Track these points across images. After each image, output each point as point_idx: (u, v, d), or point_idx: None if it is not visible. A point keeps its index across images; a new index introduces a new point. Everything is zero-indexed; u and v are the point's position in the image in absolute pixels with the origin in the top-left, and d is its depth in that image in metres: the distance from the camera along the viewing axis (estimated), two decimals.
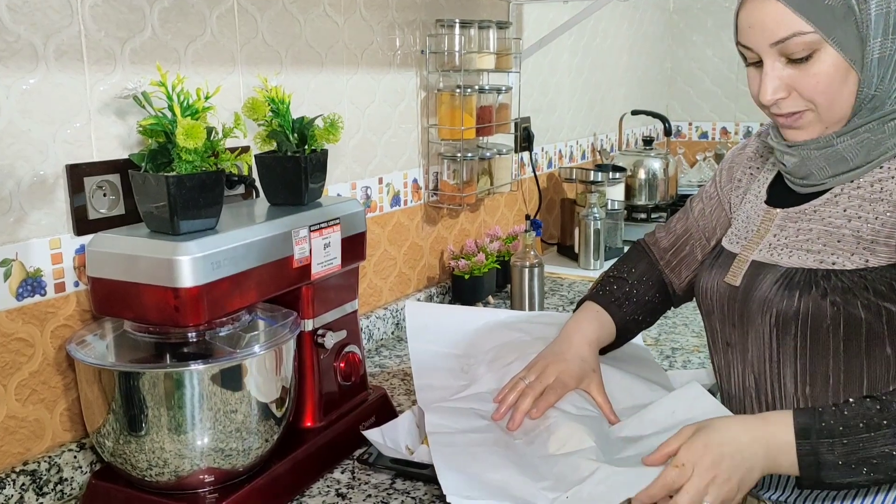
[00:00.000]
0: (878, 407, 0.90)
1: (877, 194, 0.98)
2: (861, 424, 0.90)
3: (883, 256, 0.96)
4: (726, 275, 1.10)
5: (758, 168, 1.18)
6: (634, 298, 1.27)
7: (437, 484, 1.10)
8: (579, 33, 2.59)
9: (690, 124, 3.55)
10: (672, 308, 1.34)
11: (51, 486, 1.07)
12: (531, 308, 1.76)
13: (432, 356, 1.29)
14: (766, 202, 1.11)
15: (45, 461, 1.06)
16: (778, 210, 1.08)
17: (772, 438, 0.91)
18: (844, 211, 1.00)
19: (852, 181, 1.01)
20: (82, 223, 1.09)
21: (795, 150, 1.02)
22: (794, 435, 0.90)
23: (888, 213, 0.97)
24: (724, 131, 3.47)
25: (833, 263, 0.99)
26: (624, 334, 1.27)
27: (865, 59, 0.93)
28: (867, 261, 0.97)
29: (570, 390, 1.14)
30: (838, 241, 0.99)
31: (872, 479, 0.89)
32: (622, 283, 1.29)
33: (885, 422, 0.89)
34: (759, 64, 0.99)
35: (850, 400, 0.93)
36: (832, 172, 1.01)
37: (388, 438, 1.17)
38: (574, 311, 1.29)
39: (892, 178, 0.98)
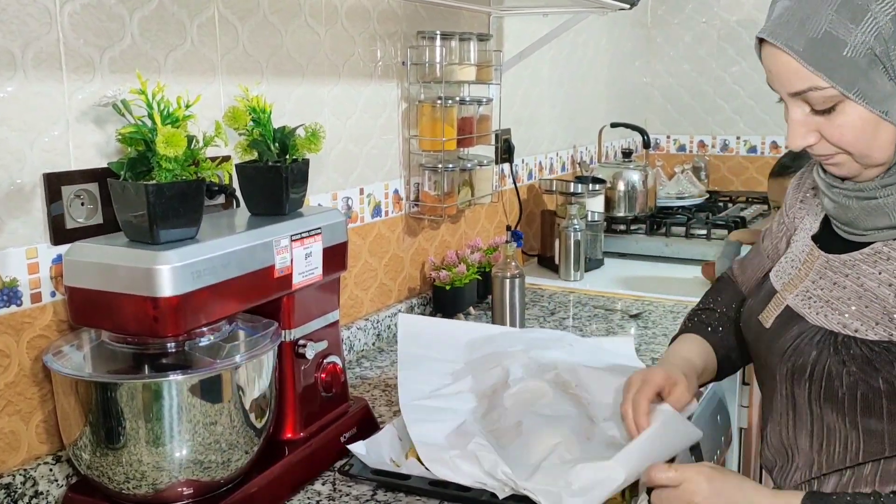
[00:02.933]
0: None
1: None
2: None
3: None
4: (761, 312, 1.06)
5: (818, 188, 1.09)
6: (727, 323, 1.21)
7: (419, 495, 1.10)
8: (559, 47, 2.61)
9: (668, 137, 3.58)
10: None
11: (26, 499, 1.05)
12: (512, 318, 1.76)
13: (420, 359, 1.31)
14: (815, 237, 1.04)
15: (20, 474, 1.04)
16: (820, 254, 1.01)
17: None
18: (879, 274, 0.93)
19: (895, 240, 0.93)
20: (60, 232, 1.08)
21: (836, 194, 0.96)
22: None
23: None
24: (702, 144, 3.51)
25: (855, 331, 0.92)
26: (725, 362, 1.20)
27: None
28: (891, 334, 0.90)
29: (658, 386, 1.08)
30: (866, 307, 0.93)
31: None
32: (710, 313, 1.23)
33: None
34: None
35: (860, 492, 0.90)
36: (872, 225, 0.94)
37: (372, 452, 1.16)
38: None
39: None
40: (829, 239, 1.02)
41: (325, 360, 1.23)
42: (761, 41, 0.90)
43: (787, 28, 0.86)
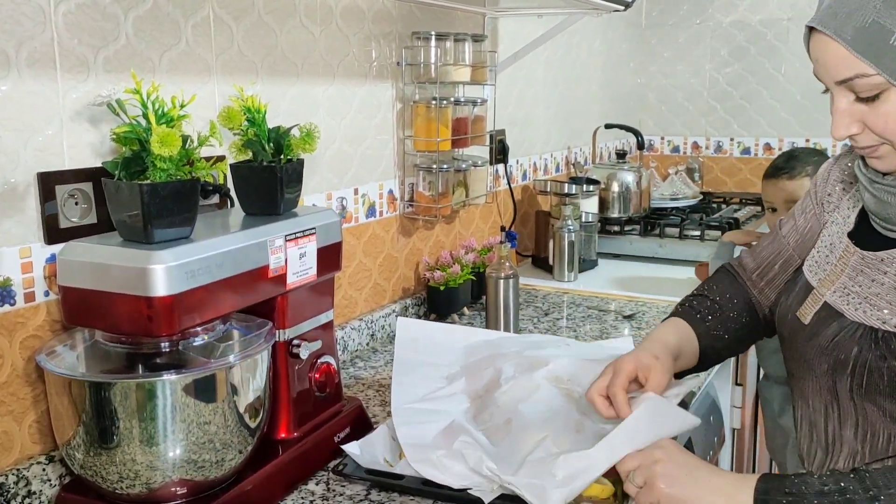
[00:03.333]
0: (851, 483, 0.87)
1: None
2: (826, 494, 0.87)
3: None
4: (799, 308, 1.07)
5: (850, 183, 1.11)
6: (717, 313, 1.21)
7: (413, 495, 1.10)
8: (553, 48, 2.62)
9: (662, 138, 3.59)
10: (767, 336, 1.25)
11: (18, 499, 1.05)
12: (506, 319, 1.76)
13: (415, 364, 1.31)
14: (851, 234, 1.05)
15: (12, 474, 1.04)
16: (856, 250, 1.02)
17: (735, 494, 0.91)
18: None
19: None
20: (53, 232, 1.08)
21: (878, 189, 0.97)
22: (753, 495, 0.90)
23: None
24: (696, 145, 3.52)
25: (895, 326, 0.94)
26: (709, 350, 1.20)
27: None
28: None
29: (629, 373, 1.08)
30: None
31: None
32: (703, 300, 1.23)
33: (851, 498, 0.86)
34: None
35: (829, 470, 0.91)
36: None
37: (366, 452, 1.16)
38: None
39: None
40: (866, 234, 1.02)
41: (319, 360, 1.23)
42: (811, 30, 0.93)
43: (836, 18, 0.89)
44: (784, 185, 1.82)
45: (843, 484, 0.87)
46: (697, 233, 2.49)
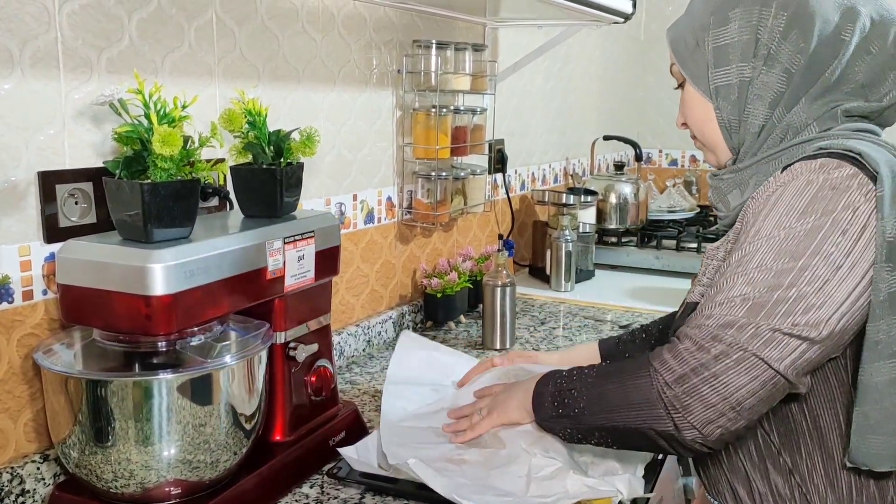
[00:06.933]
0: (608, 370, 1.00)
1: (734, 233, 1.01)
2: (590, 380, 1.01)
3: None
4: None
5: None
6: (641, 342, 1.33)
7: (407, 499, 1.10)
8: (553, 59, 2.63)
9: (660, 151, 3.60)
10: None
11: (12, 497, 1.04)
12: (502, 327, 1.77)
13: (407, 384, 1.30)
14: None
15: (6, 472, 1.04)
16: (706, 246, 1.14)
17: (529, 386, 1.09)
18: (724, 245, 1.05)
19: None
20: (53, 231, 1.08)
21: (714, 180, 1.08)
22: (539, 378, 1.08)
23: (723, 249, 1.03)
24: (693, 159, 3.53)
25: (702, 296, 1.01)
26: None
27: (711, 87, 1.03)
28: (702, 294, 1.01)
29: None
30: (715, 277, 1.02)
31: (571, 433, 1.02)
32: (637, 333, 1.35)
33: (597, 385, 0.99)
34: None
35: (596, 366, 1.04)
36: (725, 208, 1.07)
37: (361, 456, 1.16)
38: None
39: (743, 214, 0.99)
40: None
41: (315, 364, 1.23)
42: None
43: (676, 25, 1.09)
44: None
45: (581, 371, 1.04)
46: (694, 245, 2.50)
